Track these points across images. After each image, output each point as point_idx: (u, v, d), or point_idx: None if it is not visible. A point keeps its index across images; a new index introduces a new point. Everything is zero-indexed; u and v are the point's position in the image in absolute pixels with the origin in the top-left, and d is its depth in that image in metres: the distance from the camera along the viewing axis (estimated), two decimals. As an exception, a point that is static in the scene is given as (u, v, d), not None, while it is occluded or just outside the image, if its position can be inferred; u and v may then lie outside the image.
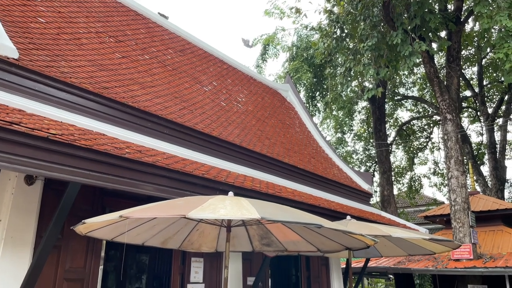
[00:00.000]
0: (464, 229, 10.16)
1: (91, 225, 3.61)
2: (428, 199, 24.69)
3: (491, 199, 12.94)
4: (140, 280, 7.83)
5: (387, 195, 15.74)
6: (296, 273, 8.71)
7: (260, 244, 5.17)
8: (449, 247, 5.81)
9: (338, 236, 4.30)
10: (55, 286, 4.42)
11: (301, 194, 7.29)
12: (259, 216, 2.81)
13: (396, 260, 11.94)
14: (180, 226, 4.59)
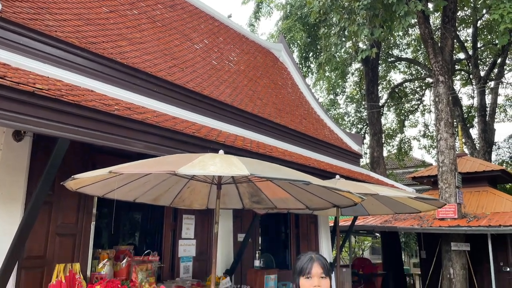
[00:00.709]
0: (450, 190, 10.41)
1: (81, 181, 3.62)
2: (416, 161, 25.09)
3: (478, 161, 13.19)
4: (133, 237, 7.99)
5: (377, 156, 15.94)
6: (286, 230, 8.93)
7: (250, 202, 5.25)
8: (434, 206, 5.96)
9: (326, 194, 4.38)
10: (47, 241, 4.50)
11: (292, 154, 7.35)
12: (248, 173, 2.83)
13: (382, 219, 12.28)
14: (171, 184, 4.63)
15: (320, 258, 2.09)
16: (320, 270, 2.03)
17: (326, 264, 2.08)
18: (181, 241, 6.19)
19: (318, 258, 2.09)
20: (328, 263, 2.11)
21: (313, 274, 2.03)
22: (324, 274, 2.03)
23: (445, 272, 10.23)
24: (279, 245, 8.92)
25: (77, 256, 4.72)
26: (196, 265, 6.32)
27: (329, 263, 2.13)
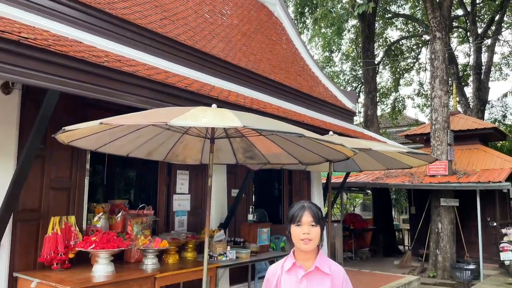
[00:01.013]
0: (442, 147, 10.52)
1: (73, 134, 3.59)
2: (410, 120, 25.19)
3: (471, 119, 13.26)
4: (128, 193, 8.07)
5: (371, 115, 15.95)
6: (279, 186, 9.06)
7: (243, 157, 5.27)
8: (426, 161, 6.03)
9: (319, 148, 4.39)
10: (42, 195, 4.52)
11: (286, 111, 7.31)
12: (241, 124, 2.81)
13: (374, 176, 12.47)
14: (165, 138, 4.61)
15: (311, 206, 2.09)
16: (311, 218, 2.03)
17: (317, 212, 2.06)
18: (176, 196, 6.25)
19: (310, 206, 2.08)
20: (320, 212, 2.09)
21: (303, 222, 2.03)
22: (314, 223, 2.02)
23: (433, 227, 10.53)
24: (272, 201, 9.08)
25: (72, 210, 4.76)
26: (190, 219, 6.43)
27: (321, 212, 2.12)
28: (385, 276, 9.45)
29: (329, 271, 1.96)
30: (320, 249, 2.08)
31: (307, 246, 2.00)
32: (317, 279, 1.95)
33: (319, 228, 2.03)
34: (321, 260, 2.00)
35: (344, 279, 1.97)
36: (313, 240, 2.01)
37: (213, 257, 5.55)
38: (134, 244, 4.65)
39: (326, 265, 1.99)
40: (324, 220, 2.10)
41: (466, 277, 9.52)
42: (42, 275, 3.99)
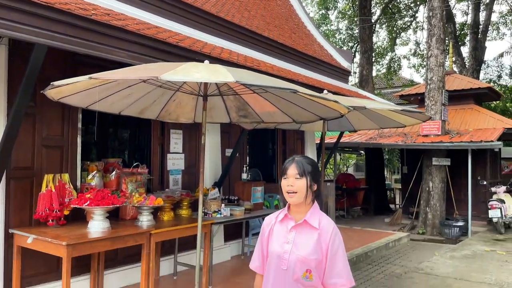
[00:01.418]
0: (436, 107, 10.52)
1: (62, 90, 3.52)
2: (405, 81, 25.05)
3: (466, 79, 13.19)
4: (122, 153, 8.05)
5: (366, 75, 15.81)
6: (273, 146, 9.09)
7: (237, 116, 5.23)
8: (419, 120, 6.03)
9: (313, 106, 4.36)
10: (34, 153, 4.50)
11: (280, 69, 7.20)
12: (234, 80, 2.76)
13: (367, 136, 12.53)
14: (157, 96, 4.55)
15: (299, 160, 2.07)
16: (295, 171, 2.02)
17: (304, 165, 2.04)
18: (170, 155, 6.26)
19: (298, 160, 2.07)
20: (310, 166, 2.06)
21: (289, 175, 2.04)
22: (299, 175, 2.01)
23: (424, 186, 10.72)
24: (266, 161, 9.13)
25: (65, 168, 4.76)
26: (185, 178, 6.47)
27: (312, 166, 2.07)
28: (375, 232, 9.72)
29: (317, 225, 1.95)
30: (314, 203, 2.06)
31: (292, 199, 2.02)
32: (305, 232, 1.97)
33: (305, 181, 2.01)
34: (312, 214, 2.00)
35: (332, 235, 1.93)
36: (298, 193, 2.00)
37: (207, 214, 5.63)
38: (128, 201, 4.69)
39: (316, 219, 1.98)
40: (315, 173, 2.05)
41: (455, 233, 9.81)
42: (38, 231, 4.04)
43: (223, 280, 5.69)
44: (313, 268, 1.90)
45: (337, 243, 1.92)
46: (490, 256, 7.98)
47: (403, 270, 6.86)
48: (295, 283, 1.93)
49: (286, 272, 1.96)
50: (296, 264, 1.93)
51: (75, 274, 4.75)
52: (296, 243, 1.96)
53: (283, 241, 2.01)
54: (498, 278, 6.42)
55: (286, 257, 1.96)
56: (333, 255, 1.89)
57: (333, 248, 1.90)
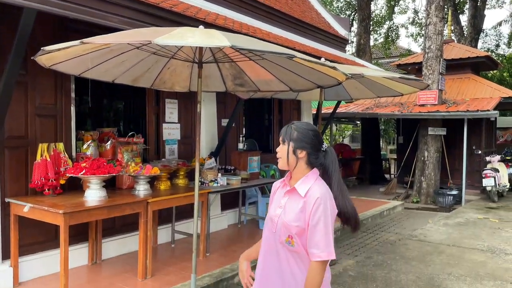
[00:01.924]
0: (433, 76, 10.43)
1: (53, 56, 3.43)
2: (402, 50, 24.77)
3: (464, 47, 13.05)
4: (117, 123, 7.99)
5: (363, 44, 15.60)
6: (269, 116, 9.04)
7: (233, 84, 5.16)
8: (417, 88, 5.98)
9: (310, 74, 4.29)
10: (27, 122, 4.44)
11: (276, 36, 7.06)
12: (229, 44, 2.68)
13: (364, 106, 12.49)
14: (151, 63, 4.46)
15: (289, 126, 2.05)
16: (281, 137, 2.05)
17: (288, 131, 2.02)
18: (165, 124, 6.21)
19: (288, 126, 2.06)
20: (294, 131, 2.01)
21: (280, 141, 2.07)
22: (282, 141, 2.04)
23: (419, 155, 10.77)
24: (262, 131, 9.10)
25: (60, 137, 4.71)
26: (181, 148, 6.44)
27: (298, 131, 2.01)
28: (370, 201, 9.83)
29: (303, 193, 1.93)
30: (313, 171, 2.01)
31: (278, 164, 2.06)
32: (294, 199, 1.97)
33: (286, 147, 2.01)
34: (303, 182, 1.97)
35: (315, 205, 1.86)
36: (281, 158, 2.04)
37: (204, 184, 5.65)
38: (125, 170, 4.68)
39: (305, 188, 1.94)
40: (302, 140, 1.99)
41: (448, 202, 9.94)
42: (35, 200, 4.03)
43: (220, 247, 5.77)
44: (293, 235, 1.91)
45: (319, 214, 1.85)
46: (482, 223, 8.12)
47: (397, 237, 6.98)
48: (281, 246, 1.97)
49: (274, 235, 2.00)
50: (281, 229, 1.96)
51: (73, 243, 4.79)
52: (285, 209, 1.98)
53: (277, 205, 2.04)
54: (490, 245, 6.56)
55: (276, 221, 2.00)
56: (314, 225, 1.86)
57: (314, 218, 1.86)
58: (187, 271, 4.72)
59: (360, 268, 5.38)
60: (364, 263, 5.59)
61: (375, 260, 5.73)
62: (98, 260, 5.02)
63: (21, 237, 4.25)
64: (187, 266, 4.88)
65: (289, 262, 1.96)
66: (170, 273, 4.70)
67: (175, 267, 4.88)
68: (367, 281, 4.92)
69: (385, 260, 5.71)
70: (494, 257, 5.93)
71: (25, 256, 4.36)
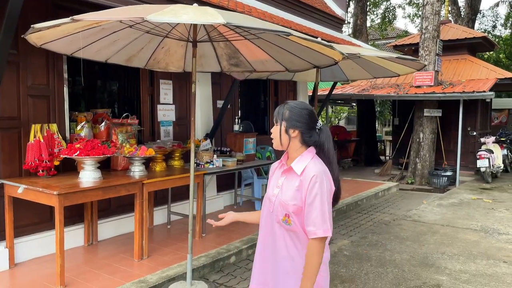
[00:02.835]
0: (430, 57, 10.37)
1: (44, 35, 3.36)
2: (399, 31, 24.58)
3: (461, 28, 12.94)
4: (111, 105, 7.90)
5: (360, 24, 15.42)
6: (265, 98, 8.98)
7: (228, 65, 5.10)
8: (414, 68, 5.94)
9: (307, 53, 4.24)
10: (20, 102, 4.37)
11: (272, 16, 6.96)
12: (223, 21, 2.63)
13: (360, 88, 12.43)
14: (144, 43, 4.38)
15: (282, 105, 2.02)
16: (274, 117, 2.03)
17: (280, 111, 1.99)
18: (160, 106, 6.15)
19: (280, 106, 2.03)
20: (286, 110, 1.97)
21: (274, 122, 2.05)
22: (275, 121, 2.01)
23: (415, 137, 10.79)
24: (258, 113, 9.05)
25: (53, 118, 4.65)
26: (176, 129, 6.40)
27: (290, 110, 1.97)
28: (365, 182, 9.89)
29: (299, 172, 1.92)
30: (308, 150, 1.99)
31: (273, 145, 2.05)
32: (291, 178, 1.96)
33: (279, 126, 1.99)
34: (299, 161, 1.96)
35: (311, 183, 1.86)
36: (274, 139, 2.02)
37: (200, 165, 5.64)
38: (119, 152, 4.65)
39: (301, 166, 1.93)
40: (294, 118, 1.95)
41: (443, 183, 10.01)
42: (29, 181, 4.00)
43: (216, 228, 5.79)
44: (291, 213, 1.91)
45: (315, 192, 1.85)
46: (476, 204, 8.20)
47: (392, 218, 7.04)
48: (278, 225, 1.97)
49: (271, 214, 2.00)
50: (278, 208, 1.96)
51: (69, 224, 4.79)
52: (282, 188, 1.98)
53: (275, 185, 2.04)
54: (484, 225, 6.63)
55: (273, 200, 2.00)
56: (310, 203, 1.86)
57: (310, 196, 1.86)
58: (183, 251, 4.75)
59: (355, 248, 5.43)
60: (359, 243, 5.64)
61: (369, 240, 5.78)
62: (94, 241, 5.03)
63: (17, 219, 4.24)
64: (183, 247, 4.90)
65: (286, 242, 1.96)
66: (166, 253, 4.72)
67: (171, 248, 4.91)
68: (362, 260, 4.97)
69: (379, 240, 5.76)
70: (487, 236, 6.00)
71: (21, 237, 4.36)
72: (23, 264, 4.29)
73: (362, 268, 4.71)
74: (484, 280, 4.41)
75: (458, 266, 4.80)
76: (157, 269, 4.21)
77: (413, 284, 4.30)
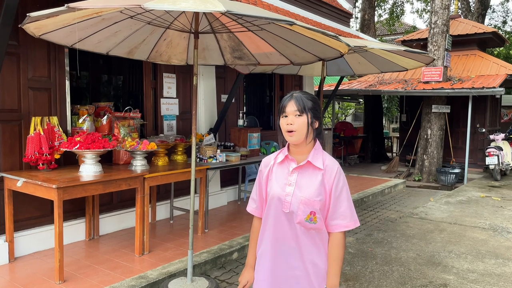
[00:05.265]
0: (439, 52, 10.19)
1: (43, 25, 3.28)
2: (407, 27, 24.29)
3: (471, 23, 12.71)
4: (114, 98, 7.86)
5: (368, 19, 15.25)
6: (270, 93, 8.89)
7: (232, 57, 5.01)
8: (422, 62, 5.80)
9: (312, 45, 4.14)
10: (20, 95, 4.32)
11: (278, 9, 6.85)
12: (224, 9, 2.54)
13: (367, 83, 12.28)
14: (146, 34, 4.30)
15: (298, 95, 1.87)
16: (295, 107, 1.84)
17: (304, 101, 1.85)
18: (163, 99, 6.08)
19: (297, 95, 1.87)
20: (310, 101, 1.87)
21: (288, 112, 1.86)
22: (299, 112, 1.83)
23: (422, 133, 10.63)
24: (263, 108, 8.96)
25: (54, 111, 4.60)
26: (180, 123, 6.33)
27: (313, 101, 1.88)
28: (372, 179, 9.76)
29: (322, 165, 1.83)
30: (316, 142, 1.91)
31: (292, 138, 1.86)
32: (309, 173, 1.85)
33: (305, 118, 1.84)
34: (315, 154, 1.86)
35: (337, 175, 1.83)
36: (297, 131, 1.84)
37: (203, 160, 5.56)
38: (121, 145, 4.58)
39: (319, 159, 1.85)
40: (316, 109, 1.88)
41: (451, 180, 9.85)
42: (28, 174, 3.95)
43: (219, 224, 5.72)
44: (317, 210, 1.81)
45: (342, 183, 1.83)
46: (485, 202, 8.05)
47: (398, 215, 6.92)
48: (298, 226, 1.85)
49: (288, 215, 1.86)
50: (299, 207, 1.83)
51: (70, 218, 4.75)
52: (299, 185, 1.85)
53: (285, 183, 1.89)
54: (492, 223, 6.49)
55: (289, 200, 1.85)
56: (338, 195, 1.81)
57: (337, 189, 1.81)
58: (185, 247, 4.68)
59: (360, 245, 5.33)
60: (364, 240, 5.54)
61: (375, 237, 5.68)
62: (96, 236, 4.99)
63: (17, 212, 4.20)
64: (185, 242, 4.83)
65: (305, 242, 1.87)
66: (168, 249, 4.65)
67: (173, 243, 4.84)
68: (367, 258, 4.87)
69: (385, 238, 5.65)
70: (496, 235, 5.87)
71: (21, 231, 4.32)
72: (23, 258, 4.25)
73: (367, 266, 4.61)
74: (492, 280, 4.29)
75: (465, 265, 4.69)
76: (158, 265, 4.15)
77: (419, 283, 4.19)
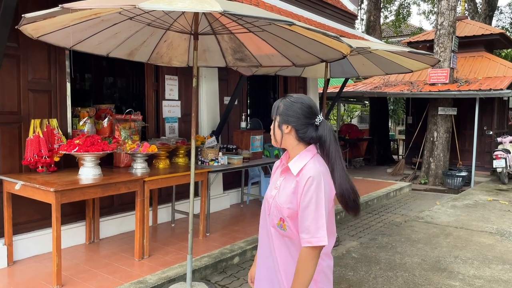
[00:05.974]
0: (445, 54, 10.07)
1: (40, 26, 3.25)
2: (413, 28, 24.14)
3: (478, 24, 12.57)
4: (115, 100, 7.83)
5: (373, 21, 15.15)
6: (274, 95, 8.82)
7: (233, 59, 4.95)
8: (427, 64, 5.71)
9: (313, 46, 4.07)
10: (20, 97, 4.29)
11: (281, 10, 6.79)
12: (220, 9, 2.48)
13: (373, 85, 12.18)
14: (146, 36, 4.26)
15: (279, 100, 1.84)
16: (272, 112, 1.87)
17: (277, 105, 1.82)
18: (165, 102, 6.04)
19: (279, 100, 1.85)
20: (281, 104, 1.81)
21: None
22: (272, 117, 1.84)
23: (428, 136, 10.50)
24: (267, 110, 8.90)
25: (54, 113, 4.57)
26: (182, 126, 6.28)
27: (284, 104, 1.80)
28: (377, 182, 9.65)
29: (296, 173, 1.74)
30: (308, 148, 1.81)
31: (272, 141, 1.89)
32: (289, 179, 1.78)
33: (277, 121, 1.82)
34: (296, 160, 1.78)
35: (306, 186, 1.67)
36: (272, 135, 1.87)
37: (204, 163, 5.50)
38: (121, 148, 4.54)
39: (297, 166, 1.75)
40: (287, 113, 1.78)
41: (457, 183, 9.72)
42: (27, 177, 3.92)
43: (221, 227, 5.66)
44: (285, 218, 1.73)
45: (310, 195, 1.65)
46: (492, 205, 7.91)
47: (403, 219, 6.81)
48: (274, 230, 1.80)
49: (268, 217, 1.84)
50: (273, 211, 1.79)
51: (71, 221, 4.71)
52: (280, 190, 1.80)
53: (273, 186, 1.88)
54: (500, 227, 6.36)
55: (270, 202, 1.83)
56: (304, 207, 1.66)
57: (304, 200, 1.66)
58: (185, 251, 4.62)
59: (363, 250, 5.24)
60: (368, 244, 5.45)
61: (379, 242, 5.58)
62: (96, 239, 4.94)
63: (16, 215, 4.17)
64: (186, 246, 4.77)
65: (280, 248, 1.78)
66: (168, 253, 4.60)
67: (173, 247, 4.79)
68: (371, 263, 4.78)
69: (389, 242, 5.56)
70: (503, 240, 5.75)
71: (20, 235, 4.28)
72: (22, 262, 4.21)
73: (371, 272, 4.52)
74: (499, 286, 4.18)
75: (472, 271, 4.58)
76: (158, 269, 4.10)
77: (424, 289, 4.10)
